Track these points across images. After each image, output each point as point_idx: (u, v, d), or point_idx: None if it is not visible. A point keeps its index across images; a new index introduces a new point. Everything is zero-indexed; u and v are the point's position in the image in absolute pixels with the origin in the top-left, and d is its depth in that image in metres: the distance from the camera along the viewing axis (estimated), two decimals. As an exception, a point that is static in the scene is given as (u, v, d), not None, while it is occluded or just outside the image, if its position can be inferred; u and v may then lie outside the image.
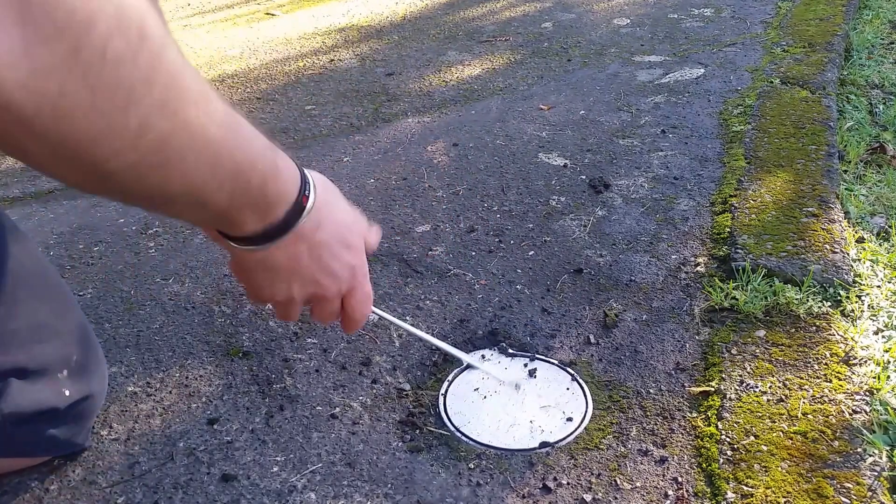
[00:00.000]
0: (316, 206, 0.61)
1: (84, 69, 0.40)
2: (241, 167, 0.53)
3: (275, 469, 0.91)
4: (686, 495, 0.84)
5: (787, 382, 0.97)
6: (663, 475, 0.87)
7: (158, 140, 0.45)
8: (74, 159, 0.44)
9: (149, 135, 0.44)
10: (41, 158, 0.44)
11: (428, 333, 1.03)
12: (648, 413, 0.96)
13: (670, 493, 0.85)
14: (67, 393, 0.86)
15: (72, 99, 0.40)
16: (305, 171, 0.62)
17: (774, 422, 0.91)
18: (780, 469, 0.85)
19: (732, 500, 0.82)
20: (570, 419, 0.97)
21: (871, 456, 0.85)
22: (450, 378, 1.01)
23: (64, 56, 0.39)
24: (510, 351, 1.08)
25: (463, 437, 0.93)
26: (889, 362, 1.00)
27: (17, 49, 0.37)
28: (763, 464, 0.86)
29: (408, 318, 1.15)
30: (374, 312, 0.89)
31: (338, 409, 0.99)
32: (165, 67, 0.44)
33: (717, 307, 1.13)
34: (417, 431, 0.95)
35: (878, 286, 1.15)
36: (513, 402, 1.01)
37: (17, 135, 0.41)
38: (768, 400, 0.95)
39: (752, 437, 0.89)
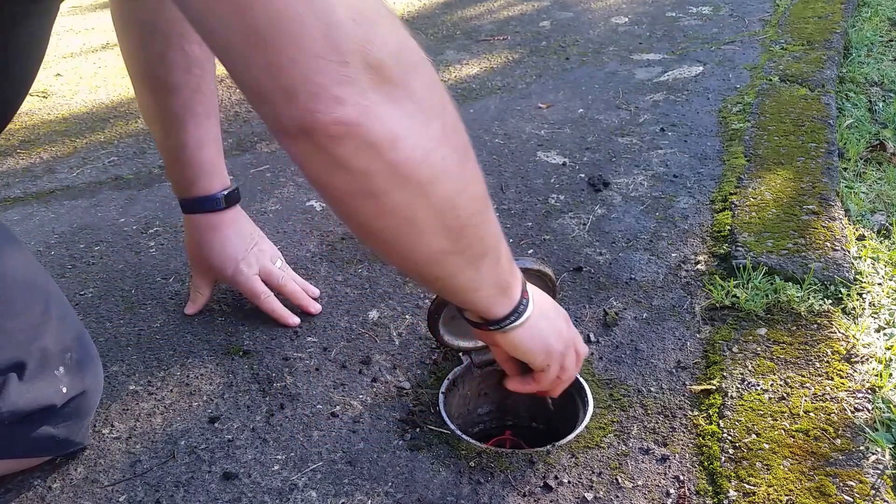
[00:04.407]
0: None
1: (450, 137, 0.57)
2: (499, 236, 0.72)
3: (276, 467, 0.91)
4: (688, 493, 0.84)
5: (788, 380, 0.97)
6: (665, 473, 0.87)
7: (478, 183, 0.62)
8: (445, 215, 0.59)
9: (476, 182, 0.62)
10: (426, 223, 0.58)
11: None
12: (649, 411, 0.96)
13: (672, 491, 0.85)
14: (65, 390, 0.86)
15: (448, 161, 0.56)
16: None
17: (776, 420, 0.91)
18: (782, 467, 0.85)
19: (734, 498, 0.82)
20: (571, 417, 0.97)
21: (873, 454, 0.85)
22: (450, 376, 1.01)
23: (442, 129, 0.56)
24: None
25: (463, 435, 0.93)
26: (891, 360, 1.00)
27: (418, 130, 0.53)
28: (765, 462, 0.86)
29: (407, 316, 1.15)
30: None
31: (338, 408, 0.99)
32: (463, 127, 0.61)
33: (717, 305, 1.13)
34: (418, 430, 0.95)
35: (880, 284, 1.15)
36: (514, 401, 1.01)
37: (414, 205, 0.56)
38: (770, 398, 0.95)
39: (753, 436, 0.89)
